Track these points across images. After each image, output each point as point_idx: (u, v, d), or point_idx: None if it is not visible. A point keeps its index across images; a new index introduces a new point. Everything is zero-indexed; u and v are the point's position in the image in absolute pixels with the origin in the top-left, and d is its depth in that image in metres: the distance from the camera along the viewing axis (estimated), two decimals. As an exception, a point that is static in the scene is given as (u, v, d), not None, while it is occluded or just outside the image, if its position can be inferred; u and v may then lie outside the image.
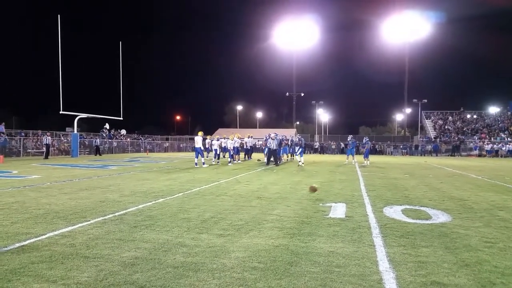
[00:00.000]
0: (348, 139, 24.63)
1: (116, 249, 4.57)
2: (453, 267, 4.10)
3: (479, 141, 47.40)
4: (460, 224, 6.21)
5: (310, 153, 50.03)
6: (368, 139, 24.03)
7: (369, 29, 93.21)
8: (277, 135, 23.35)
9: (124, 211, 6.93)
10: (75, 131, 31.86)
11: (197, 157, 19.75)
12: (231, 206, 7.57)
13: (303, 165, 20.79)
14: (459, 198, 9.08)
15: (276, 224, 6.04)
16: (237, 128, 71.90)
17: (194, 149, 19.96)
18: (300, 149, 21.60)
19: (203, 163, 19.69)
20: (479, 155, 43.31)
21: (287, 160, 26.03)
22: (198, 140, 19.60)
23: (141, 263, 4.10)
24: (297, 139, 23.49)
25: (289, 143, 25.59)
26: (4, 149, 27.89)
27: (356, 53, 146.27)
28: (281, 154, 23.98)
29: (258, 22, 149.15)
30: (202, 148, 20.00)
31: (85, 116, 32.73)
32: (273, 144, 20.37)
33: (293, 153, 25.58)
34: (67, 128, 43.88)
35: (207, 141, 25.58)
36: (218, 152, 21.95)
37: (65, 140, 34.70)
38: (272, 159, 21.03)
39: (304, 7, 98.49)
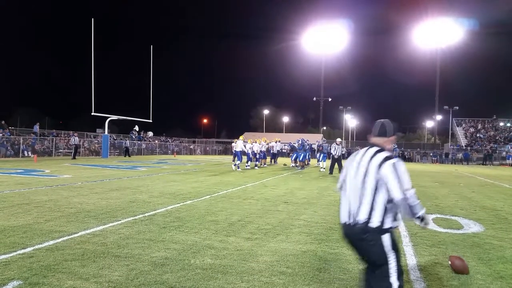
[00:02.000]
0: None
1: (147, 249, 4.65)
2: (487, 279, 3.98)
3: (513, 150, 45.89)
4: (494, 234, 6.03)
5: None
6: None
7: (400, 34, 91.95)
8: (301, 140, 23.32)
9: (154, 212, 7.04)
10: (106, 133, 32.58)
11: (239, 160, 19.78)
12: (258, 210, 7.58)
13: (323, 170, 20.69)
14: (491, 208, 8.82)
15: (304, 229, 6.01)
16: (263, 132, 71.96)
17: (234, 152, 20.04)
18: (322, 155, 21.77)
19: (238, 167, 19.68)
20: (513, 165, 41.91)
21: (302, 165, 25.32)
22: (239, 144, 19.82)
23: (171, 263, 4.15)
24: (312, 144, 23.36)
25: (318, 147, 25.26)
26: (35, 148, 28.77)
27: (386, 58, 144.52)
28: (304, 159, 23.77)
29: (287, 26, 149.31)
30: (245, 151, 20.11)
31: (116, 118, 33.43)
32: (337, 151, 18.52)
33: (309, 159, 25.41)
34: (97, 129, 44.95)
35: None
36: (250, 156, 22.16)
37: (96, 141, 35.53)
38: (324, 166, 19.91)
39: (334, 11, 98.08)
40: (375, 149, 2.78)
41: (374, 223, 2.62)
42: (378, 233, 2.62)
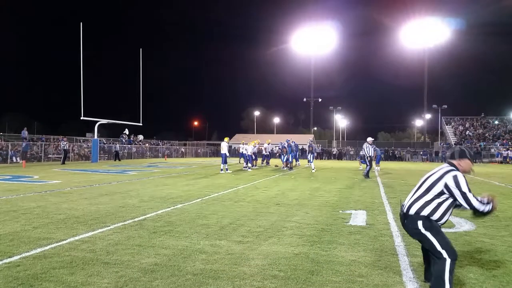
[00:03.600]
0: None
1: (136, 255, 4.57)
2: (480, 278, 3.97)
3: (502, 148, 46.35)
4: (485, 233, 6.04)
5: (328, 159, 49.73)
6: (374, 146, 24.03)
7: (387, 34, 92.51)
8: (287, 141, 23.40)
9: (144, 217, 6.95)
10: (95, 137, 32.31)
11: (223, 162, 19.74)
12: (250, 213, 7.53)
13: (314, 170, 21.02)
14: (483, 206, 8.84)
15: (296, 231, 5.97)
16: (254, 133, 71.95)
17: (220, 154, 20.03)
18: (312, 155, 22.32)
19: (227, 169, 19.60)
20: (502, 162, 42.33)
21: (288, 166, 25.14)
22: (223, 146, 19.72)
23: (161, 269, 4.08)
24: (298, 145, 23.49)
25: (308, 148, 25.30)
26: (26, 154, 28.45)
27: (375, 58, 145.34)
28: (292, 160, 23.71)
29: (276, 28, 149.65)
30: (228, 154, 19.99)
31: (105, 122, 33.17)
32: (371, 151, 17.39)
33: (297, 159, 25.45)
34: (87, 134, 44.58)
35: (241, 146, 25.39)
36: (248, 158, 22.27)
37: (85, 146, 35.22)
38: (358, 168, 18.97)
39: (322, 13, 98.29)
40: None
41: None
42: None
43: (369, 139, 18.14)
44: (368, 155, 17.18)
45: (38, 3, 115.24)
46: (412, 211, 3.54)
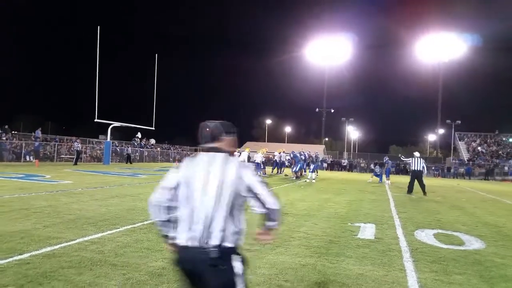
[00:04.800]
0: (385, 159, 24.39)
1: (144, 258, 4.60)
2: (489, 298, 3.92)
3: (516, 166, 45.67)
4: (495, 252, 5.96)
5: (338, 170, 49.49)
6: (388, 158, 24.08)
7: (403, 47, 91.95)
8: (292, 152, 23.41)
9: (153, 220, 6.99)
10: (108, 139, 32.60)
11: None
12: (257, 221, 7.50)
13: (314, 181, 20.97)
14: (493, 224, 8.74)
15: (303, 242, 5.96)
16: (265, 142, 71.96)
17: None
18: (313, 166, 22.32)
19: None
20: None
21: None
22: (243, 155, 20.03)
23: (168, 273, 4.10)
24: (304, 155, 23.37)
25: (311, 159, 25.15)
26: (39, 153, 28.81)
27: (389, 71, 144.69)
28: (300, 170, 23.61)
29: (291, 37, 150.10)
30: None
31: (119, 125, 33.47)
32: (418, 165, 15.84)
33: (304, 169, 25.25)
34: (100, 136, 44.99)
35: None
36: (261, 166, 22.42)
37: (98, 148, 35.55)
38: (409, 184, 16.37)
39: (337, 24, 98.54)
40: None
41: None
42: None
43: (417, 153, 17.42)
44: (417, 169, 15.82)
45: (56, 6, 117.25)
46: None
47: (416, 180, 15.86)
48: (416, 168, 15.88)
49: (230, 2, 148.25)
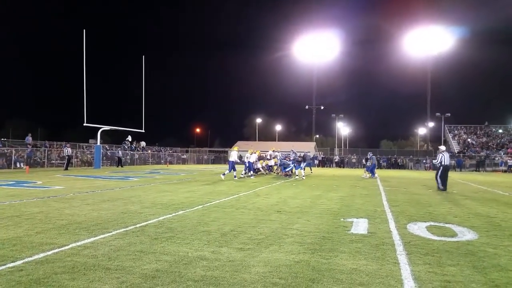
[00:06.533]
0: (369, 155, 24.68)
1: (137, 261, 4.58)
2: (482, 288, 3.96)
3: (506, 156, 46.17)
4: (488, 242, 6.02)
5: (330, 166, 49.68)
6: (372, 154, 24.43)
7: (391, 42, 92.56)
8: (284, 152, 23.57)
9: (145, 223, 6.96)
10: (98, 143, 32.40)
11: (229, 170, 19.93)
12: (251, 220, 7.53)
13: (304, 178, 21.15)
14: (485, 215, 8.83)
15: (297, 239, 5.97)
16: (256, 141, 71.96)
17: (228, 162, 20.36)
18: (305, 164, 22.96)
19: (234, 176, 19.70)
20: (506, 171, 42.16)
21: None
22: (233, 154, 20.01)
23: (162, 275, 4.09)
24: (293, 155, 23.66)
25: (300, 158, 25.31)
26: (30, 159, 28.54)
27: (378, 66, 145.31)
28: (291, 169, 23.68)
29: (278, 35, 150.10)
30: (238, 161, 20.19)
31: (108, 129, 33.28)
32: (447, 160, 15.32)
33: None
34: (90, 140, 44.69)
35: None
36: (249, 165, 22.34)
37: (88, 152, 35.31)
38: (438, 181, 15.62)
39: (325, 20, 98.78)
40: None
41: None
42: None
43: (443, 147, 16.54)
44: (443, 163, 15.27)
45: (42, 8, 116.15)
46: None
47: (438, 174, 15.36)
48: (447, 163, 15.37)
49: (219, 2, 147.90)
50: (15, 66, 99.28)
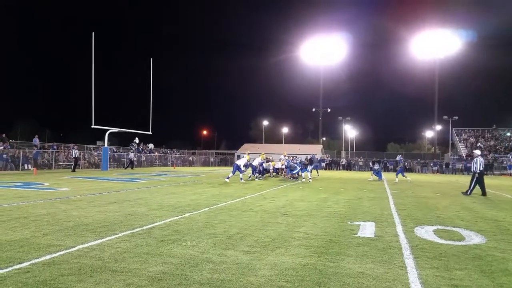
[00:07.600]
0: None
1: (144, 264, 4.59)
2: (490, 292, 3.92)
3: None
4: (496, 246, 5.96)
5: (337, 169, 49.53)
6: (401, 157, 24.55)
7: (398, 45, 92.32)
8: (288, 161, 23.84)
9: (152, 225, 6.98)
10: (106, 145, 32.55)
11: (233, 173, 19.95)
12: (257, 223, 7.52)
13: (310, 180, 21.45)
14: (493, 219, 8.75)
15: (303, 242, 5.95)
16: (262, 143, 71.96)
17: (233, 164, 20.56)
18: (311, 166, 23.24)
19: (241, 178, 19.67)
20: (514, 174, 41.74)
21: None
22: (242, 160, 20.36)
23: (168, 278, 4.09)
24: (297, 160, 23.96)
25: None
26: (37, 161, 28.73)
27: (385, 69, 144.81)
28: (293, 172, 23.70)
29: (286, 38, 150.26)
30: (243, 168, 20.16)
31: (116, 130, 33.42)
32: (481, 165, 14.56)
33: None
34: (97, 142, 44.91)
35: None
36: (257, 169, 22.50)
37: (96, 154, 35.48)
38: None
39: (332, 23, 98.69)
40: None
41: None
42: None
43: (478, 151, 15.24)
44: (479, 169, 14.49)
45: (52, 13, 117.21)
46: None
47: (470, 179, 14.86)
48: (482, 168, 14.64)
49: (226, 3, 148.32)
50: (23, 67, 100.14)
